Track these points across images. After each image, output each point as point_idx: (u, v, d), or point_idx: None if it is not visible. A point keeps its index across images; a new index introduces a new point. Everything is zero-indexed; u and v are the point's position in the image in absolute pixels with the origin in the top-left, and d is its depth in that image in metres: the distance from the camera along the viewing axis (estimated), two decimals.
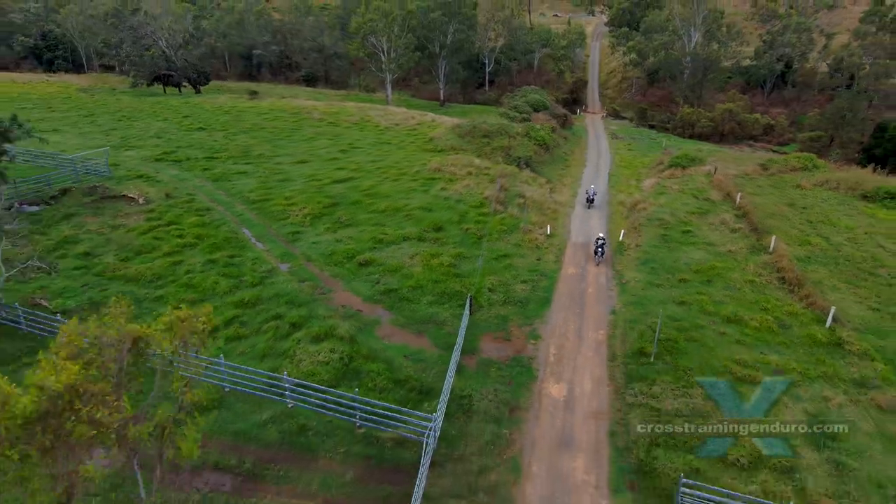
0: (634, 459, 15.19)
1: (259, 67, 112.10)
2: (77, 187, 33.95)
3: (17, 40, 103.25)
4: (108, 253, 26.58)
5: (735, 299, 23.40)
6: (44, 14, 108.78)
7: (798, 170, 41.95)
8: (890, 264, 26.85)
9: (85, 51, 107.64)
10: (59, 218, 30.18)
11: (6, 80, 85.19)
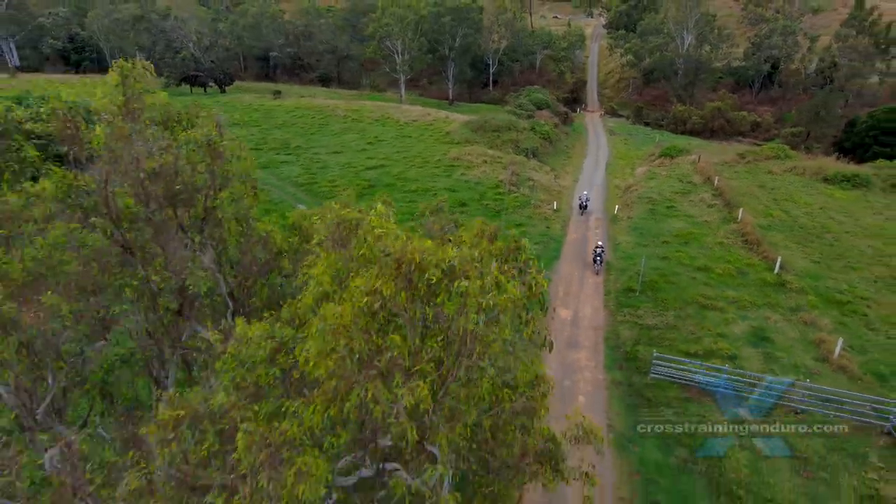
0: (622, 352, 21.10)
1: (275, 69, 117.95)
2: None
3: (46, 43, 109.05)
4: None
5: (706, 255, 29.32)
6: (71, 18, 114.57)
7: (772, 158, 47.91)
8: (835, 231, 32.81)
9: (110, 53, 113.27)
10: None
11: (42, 79, 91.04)
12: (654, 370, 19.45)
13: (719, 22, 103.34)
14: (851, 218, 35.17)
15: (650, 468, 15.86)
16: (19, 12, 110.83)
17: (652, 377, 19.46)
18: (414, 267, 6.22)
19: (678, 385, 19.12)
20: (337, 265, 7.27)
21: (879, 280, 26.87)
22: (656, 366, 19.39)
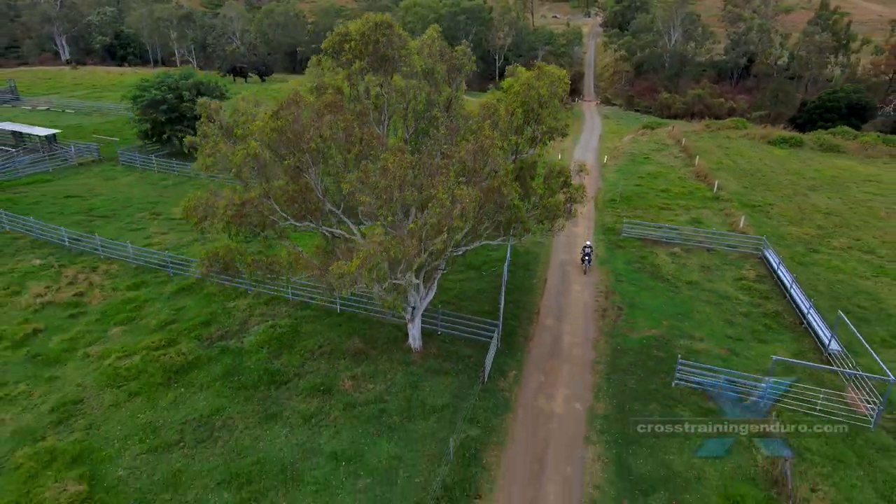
0: (605, 226, 32.99)
1: (301, 62, 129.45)
2: None
3: (96, 38, 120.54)
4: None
5: (667, 184, 41.21)
6: (117, 16, 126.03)
7: (731, 129, 59.87)
8: (765, 171, 44.74)
9: (152, 48, 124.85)
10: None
11: (99, 71, 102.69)
12: (624, 232, 31.39)
13: (703, 21, 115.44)
14: (781, 165, 47.15)
15: (619, 271, 27.71)
16: (70, 11, 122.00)
17: (623, 235, 31.38)
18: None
19: (640, 240, 31.03)
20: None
21: (784, 196, 38.87)
22: (626, 229, 31.34)
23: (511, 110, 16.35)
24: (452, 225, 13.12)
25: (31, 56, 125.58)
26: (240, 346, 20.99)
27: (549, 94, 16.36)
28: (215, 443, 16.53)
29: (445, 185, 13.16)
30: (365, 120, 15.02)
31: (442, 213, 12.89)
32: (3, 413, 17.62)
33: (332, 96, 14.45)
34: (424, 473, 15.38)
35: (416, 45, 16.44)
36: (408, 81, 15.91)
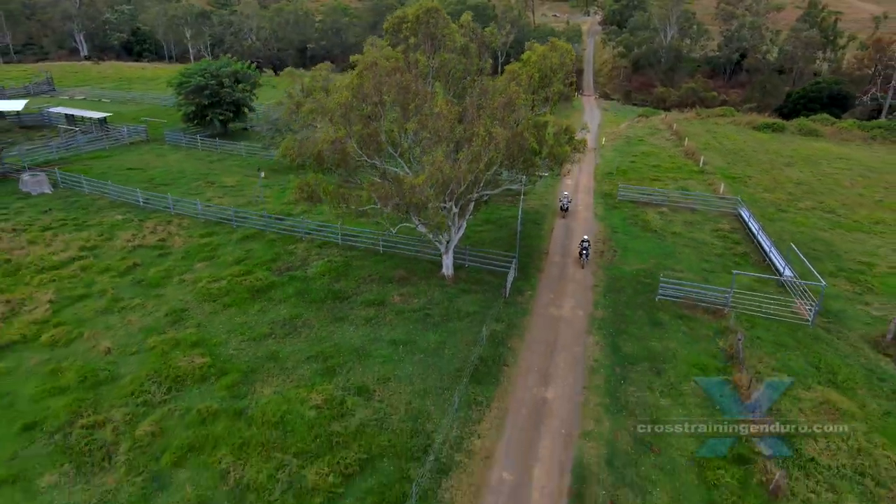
0: (603, 193, 37.80)
1: (311, 59, 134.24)
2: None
3: (113, 36, 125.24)
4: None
5: (658, 160, 46.04)
6: (134, 14, 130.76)
7: (720, 116, 64.76)
8: (748, 151, 49.61)
9: (167, 44, 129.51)
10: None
11: (121, 66, 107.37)
12: (619, 195, 36.26)
13: (697, 18, 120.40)
14: (762, 146, 52.03)
15: (615, 225, 32.53)
16: (89, 9, 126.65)
17: (619, 199, 36.23)
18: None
19: (633, 202, 35.87)
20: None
21: (762, 170, 43.75)
22: (621, 194, 36.20)
23: (530, 75, 21.13)
24: (490, 155, 17.86)
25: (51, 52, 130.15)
26: (305, 275, 25.79)
27: (560, 63, 21.16)
28: (299, 335, 21.32)
29: (484, 125, 17.91)
30: (420, 81, 19.77)
31: (481, 145, 17.64)
32: (129, 316, 22.41)
33: (395, 63, 19.18)
34: (464, 351, 20.18)
35: (455, 27, 21.24)
36: (449, 55, 20.68)
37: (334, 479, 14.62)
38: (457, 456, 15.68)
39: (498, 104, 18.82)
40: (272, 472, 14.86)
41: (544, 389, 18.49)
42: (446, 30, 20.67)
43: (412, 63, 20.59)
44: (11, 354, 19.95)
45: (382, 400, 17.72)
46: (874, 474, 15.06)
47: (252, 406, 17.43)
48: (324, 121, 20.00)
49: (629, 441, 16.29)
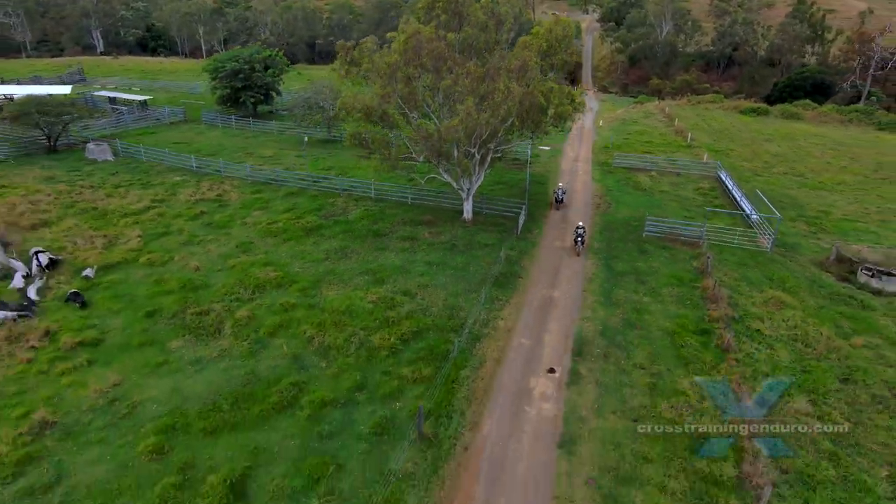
0: (600, 162, 42.56)
1: (320, 55, 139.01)
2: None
3: (129, 32, 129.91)
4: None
5: (650, 137, 50.81)
6: (148, 10, 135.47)
7: (709, 102, 69.58)
8: (732, 130, 54.39)
9: (181, 40, 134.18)
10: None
11: (139, 61, 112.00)
12: (615, 163, 41.03)
13: (692, 15, 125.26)
14: (746, 126, 56.82)
15: (609, 185, 37.26)
16: (105, 5, 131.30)
17: (614, 166, 41.00)
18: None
19: (626, 168, 40.62)
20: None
21: (743, 145, 48.52)
22: (616, 162, 40.97)
23: (539, 44, 25.85)
24: (507, 105, 22.53)
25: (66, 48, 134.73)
26: (347, 219, 30.51)
27: (564, 34, 25.89)
28: (350, 258, 26.02)
29: (503, 82, 22.57)
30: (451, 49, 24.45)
31: (501, 98, 22.31)
32: (207, 247, 27.12)
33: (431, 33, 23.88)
34: (485, 269, 24.90)
35: (478, 6, 25.99)
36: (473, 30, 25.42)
37: (394, 341, 19.33)
38: (485, 330, 20.40)
39: (514, 66, 23.49)
40: (346, 338, 19.57)
41: (552, 291, 23.24)
42: (471, 8, 25.36)
43: (442, 36, 25.26)
44: (120, 270, 24.67)
45: (424, 298, 22.43)
46: (803, 339, 19.80)
47: (321, 301, 22.16)
48: (374, 80, 24.68)
49: (618, 322, 21.02)
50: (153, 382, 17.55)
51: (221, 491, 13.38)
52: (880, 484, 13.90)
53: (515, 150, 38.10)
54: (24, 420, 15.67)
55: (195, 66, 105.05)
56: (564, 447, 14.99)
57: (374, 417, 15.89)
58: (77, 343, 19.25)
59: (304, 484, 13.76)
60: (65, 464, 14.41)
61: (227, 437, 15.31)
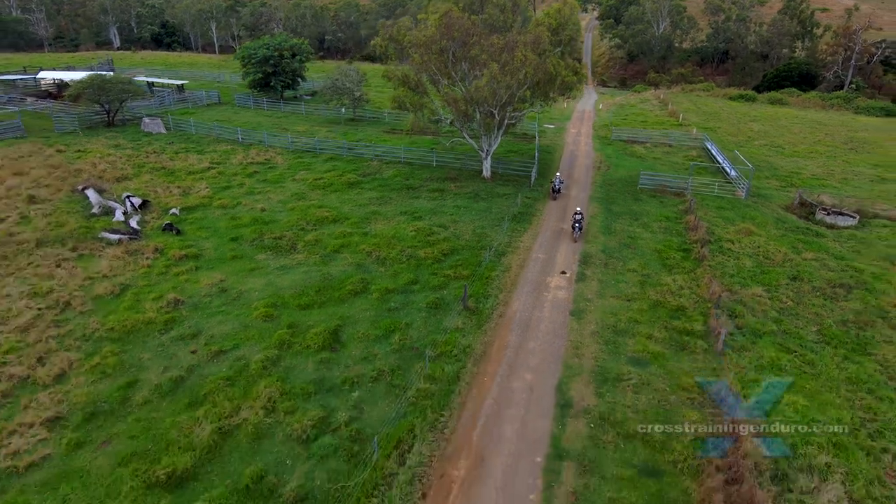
0: (600, 137, 47.43)
1: (329, 49, 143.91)
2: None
3: (145, 28, 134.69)
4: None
5: (646, 118, 55.70)
6: (164, 7, 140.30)
7: (701, 90, 74.52)
8: (720, 113, 59.30)
9: (194, 36, 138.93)
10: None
11: (159, 54, 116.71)
12: (613, 136, 45.88)
13: (688, 12, 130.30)
14: (734, 110, 61.74)
15: (608, 154, 42.10)
16: (122, 3, 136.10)
17: (613, 138, 45.85)
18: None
19: (623, 140, 45.47)
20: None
21: (730, 124, 53.43)
22: (614, 135, 45.83)
23: (549, 23, 30.68)
24: (524, 71, 27.33)
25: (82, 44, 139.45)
26: (382, 177, 35.31)
27: (570, 13, 30.77)
28: (389, 204, 30.80)
29: (521, 51, 27.37)
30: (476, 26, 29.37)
31: (519, 64, 27.12)
32: (267, 195, 31.90)
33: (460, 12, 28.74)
34: (505, 210, 29.70)
35: None
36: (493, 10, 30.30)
37: (436, 254, 24.14)
38: (508, 248, 25.22)
39: (529, 39, 28.29)
40: (397, 252, 24.37)
41: (561, 224, 28.10)
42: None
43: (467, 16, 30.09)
44: (199, 211, 29.46)
45: (455, 230, 27.24)
46: (764, 254, 24.66)
47: (372, 231, 26.97)
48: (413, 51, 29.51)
49: (616, 245, 25.85)
50: (250, 280, 22.34)
51: (323, 337, 18.16)
52: (810, 334, 18.74)
53: (524, 126, 42.80)
54: (160, 300, 20.44)
55: (212, 60, 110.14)
56: (575, 315, 19.81)
57: (428, 298, 20.69)
58: (182, 255, 24.04)
59: (383, 334, 18.55)
60: (200, 324, 19.19)
61: (318, 310, 20.11)
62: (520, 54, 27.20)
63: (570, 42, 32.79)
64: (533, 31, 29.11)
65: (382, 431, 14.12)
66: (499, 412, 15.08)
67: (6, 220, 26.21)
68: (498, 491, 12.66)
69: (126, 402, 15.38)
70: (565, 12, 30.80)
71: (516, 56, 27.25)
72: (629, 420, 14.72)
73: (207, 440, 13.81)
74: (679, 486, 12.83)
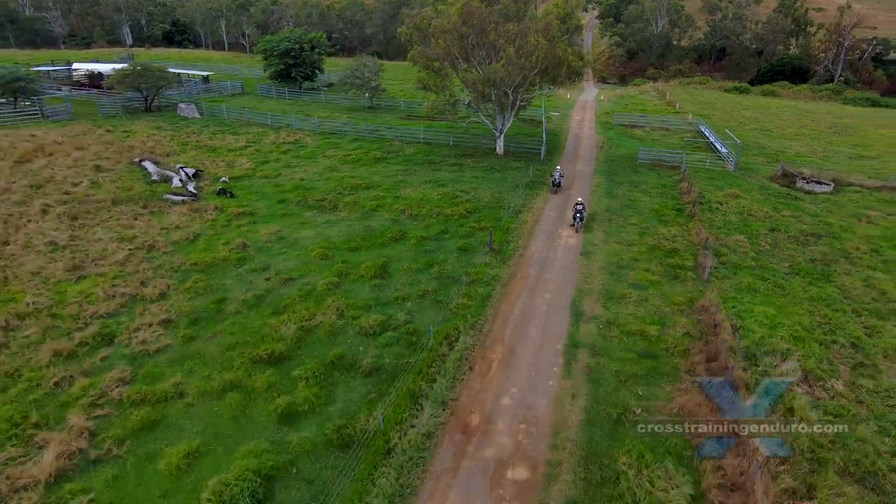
0: (602, 122, 51.00)
1: (334, 47, 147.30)
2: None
3: (156, 26, 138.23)
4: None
5: (645, 107, 59.24)
6: (175, 6, 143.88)
7: (698, 83, 78.11)
8: (714, 103, 62.88)
9: (204, 34, 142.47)
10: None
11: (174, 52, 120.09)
12: (614, 121, 49.43)
13: (686, 11, 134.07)
14: (728, 100, 65.33)
15: (610, 136, 45.64)
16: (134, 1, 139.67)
17: (614, 123, 49.39)
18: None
19: (623, 125, 49.02)
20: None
21: (723, 112, 57.01)
22: (615, 120, 49.38)
23: (558, 12, 34.27)
24: (536, 54, 30.85)
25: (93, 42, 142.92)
26: (405, 154, 38.81)
27: (576, 4, 34.37)
28: (414, 175, 34.28)
29: (533, 36, 30.89)
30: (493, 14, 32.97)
31: (532, 47, 30.63)
32: (304, 168, 35.39)
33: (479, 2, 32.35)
34: (518, 180, 33.20)
35: None
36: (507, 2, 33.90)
37: (461, 212, 27.64)
38: (523, 208, 28.73)
39: (540, 27, 31.82)
40: (427, 211, 27.86)
41: (570, 191, 31.61)
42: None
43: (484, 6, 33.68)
44: (245, 180, 32.94)
45: (476, 194, 30.73)
46: (748, 212, 28.18)
47: (402, 195, 30.45)
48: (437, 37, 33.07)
49: (618, 206, 29.35)
50: (303, 231, 25.84)
51: (373, 269, 21.64)
52: (782, 268, 22.26)
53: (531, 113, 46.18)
54: (229, 244, 23.90)
55: (225, 56, 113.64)
56: (584, 255, 23.33)
57: (457, 244, 24.19)
58: (240, 212, 27.53)
59: (423, 267, 22.05)
60: (267, 261, 22.67)
61: (365, 252, 23.60)
62: (532, 39, 30.74)
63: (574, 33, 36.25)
64: (544, 19, 32.67)
65: (433, 329, 17.61)
66: (525, 319, 18.58)
67: (80, 185, 29.69)
68: (528, 366, 16.16)
69: (220, 312, 18.87)
70: (572, 2, 34.35)
71: (529, 41, 30.78)
72: (630, 323, 18.23)
73: (293, 335, 17.30)
74: (671, 363, 16.33)
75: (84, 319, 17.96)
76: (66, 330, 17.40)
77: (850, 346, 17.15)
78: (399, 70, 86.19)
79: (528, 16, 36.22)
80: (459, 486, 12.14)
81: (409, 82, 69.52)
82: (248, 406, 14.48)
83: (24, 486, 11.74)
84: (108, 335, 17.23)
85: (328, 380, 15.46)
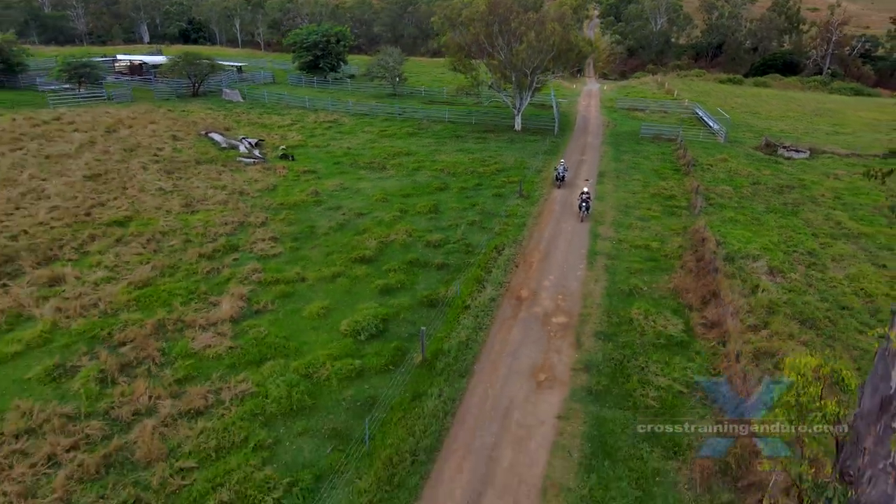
0: (606, 106, 56.11)
1: None
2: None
3: (173, 24, 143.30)
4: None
5: (645, 96, 64.36)
6: (190, 4, 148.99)
7: (695, 76, 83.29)
8: (710, 92, 68.02)
9: (219, 32, 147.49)
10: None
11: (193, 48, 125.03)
12: (617, 106, 54.54)
13: (684, 10, 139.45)
14: (723, 91, 70.46)
15: (614, 118, 50.72)
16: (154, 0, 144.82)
17: (617, 107, 54.50)
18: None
19: (626, 109, 54.08)
20: None
21: (717, 99, 62.16)
22: (619, 105, 54.48)
23: (572, 3, 39.31)
24: (552, 40, 35.96)
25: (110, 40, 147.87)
26: (433, 130, 43.87)
27: None
28: (445, 146, 39.31)
29: (550, 24, 35.99)
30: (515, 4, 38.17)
31: (549, 33, 35.74)
32: (347, 140, 40.41)
33: None
34: (536, 149, 38.24)
35: None
36: None
37: (491, 170, 32.68)
38: (543, 168, 33.79)
39: (556, 15, 36.93)
40: (462, 170, 32.91)
41: (581, 157, 36.69)
42: None
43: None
44: (300, 148, 37.95)
45: (501, 159, 35.78)
46: (735, 171, 33.26)
47: (438, 160, 35.49)
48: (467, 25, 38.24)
49: (624, 167, 34.42)
50: (361, 184, 30.87)
51: (427, 208, 26.66)
52: (759, 208, 27.33)
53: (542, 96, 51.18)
54: (304, 191, 28.90)
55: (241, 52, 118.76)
56: (598, 199, 28.38)
57: (492, 192, 29.24)
58: (305, 170, 32.57)
59: (466, 207, 27.10)
60: (338, 203, 27.69)
61: (416, 198, 28.63)
62: (550, 26, 35.82)
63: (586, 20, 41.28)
64: (558, 9, 37.77)
65: (484, 242, 22.64)
66: (554, 238, 23.64)
67: (164, 150, 34.71)
68: (560, 265, 21.21)
69: (313, 233, 23.90)
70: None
71: (547, 27, 35.87)
72: (637, 240, 23.29)
73: (376, 246, 22.32)
74: (669, 263, 21.38)
75: (210, 236, 22.98)
76: (199, 242, 22.42)
77: (808, 254, 22.22)
78: (409, 66, 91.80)
79: (545, 7, 41.30)
80: (519, 326, 17.17)
81: (422, 76, 74.54)
82: (355, 285, 19.50)
83: (216, 321, 16.75)
84: (233, 245, 22.24)
85: (410, 271, 20.50)
